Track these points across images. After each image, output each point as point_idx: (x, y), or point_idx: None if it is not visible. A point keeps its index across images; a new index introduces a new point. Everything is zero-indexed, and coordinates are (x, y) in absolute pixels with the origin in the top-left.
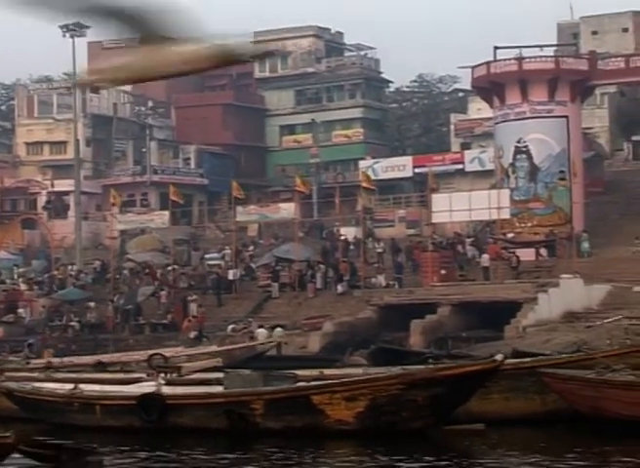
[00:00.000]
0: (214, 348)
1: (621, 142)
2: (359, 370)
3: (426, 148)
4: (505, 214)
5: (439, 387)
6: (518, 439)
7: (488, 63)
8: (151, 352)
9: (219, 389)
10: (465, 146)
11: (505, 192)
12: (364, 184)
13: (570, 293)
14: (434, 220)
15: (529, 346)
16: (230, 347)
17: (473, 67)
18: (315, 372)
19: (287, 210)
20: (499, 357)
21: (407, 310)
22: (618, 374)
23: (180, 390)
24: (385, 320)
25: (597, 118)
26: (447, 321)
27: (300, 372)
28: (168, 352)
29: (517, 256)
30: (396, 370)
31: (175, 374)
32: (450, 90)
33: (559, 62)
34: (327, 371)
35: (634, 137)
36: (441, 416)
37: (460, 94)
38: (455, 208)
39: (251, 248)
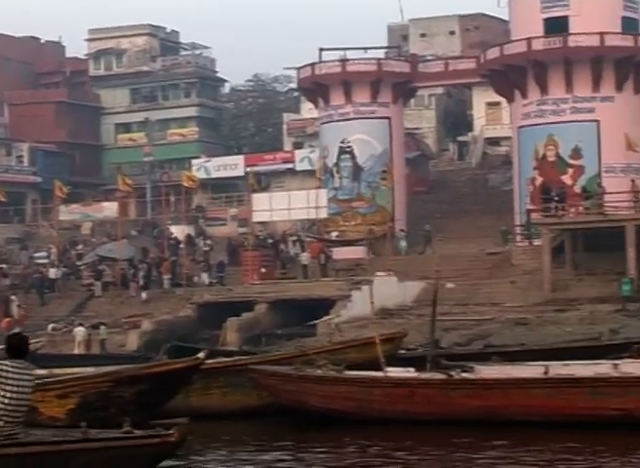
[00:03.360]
0: None
1: (448, 143)
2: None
3: (261, 147)
4: (324, 214)
5: (144, 384)
6: (225, 431)
7: (313, 65)
8: None
9: None
10: (298, 146)
11: (323, 192)
12: (186, 184)
13: (384, 291)
14: (255, 219)
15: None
16: None
17: (299, 68)
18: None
19: (110, 209)
20: (201, 355)
21: (225, 308)
22: (320, 370)
23: None
24: (204, 318)
25: (425, 119)
26: (263, 318)
27: (57, 371)
28: None
29: (326, 254)
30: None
31: None
32: (285, 90)
33: (381, 65)
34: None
35: (459, 138)
36: (148, 411)
37: (295, 93)
38: (275, 207)
39: (80, 246)
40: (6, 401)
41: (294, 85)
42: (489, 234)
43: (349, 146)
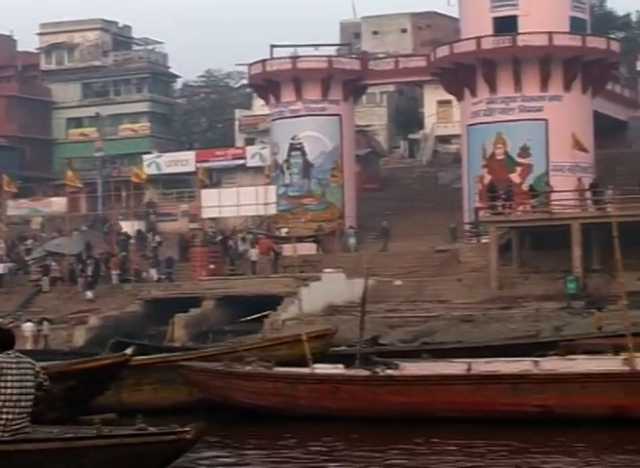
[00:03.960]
0: None
1: (399, 140)
2: None
3: (213, 143)
4: (272, 210)
5: (72, 380)
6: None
7: (264, 61)
8: None
9: None
10: (249, 142)
11: (272, 188)
12: (134, 179)
13: (331, 287)
14: (205, 216)
15: None
16: None
17: (250, 65)
18: None
19: (59, 204)
20: (128, 351)
21: (173, 304)
22: (249, 366)
23: None
24: (152, 314)
25: (376, 116)
26: (211, 314)
27: None
28: None
29: (276, 251)
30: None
31: None
32: (237, 86)
33: (332, 62)
34: None
35: (410, 136)
36: (76, 407)
37: (248, 90)
38: (224, 203)
39: (29, 241)
40: (8, 391)
41: (246, 81)
42: (439, 231)
43: (300, 143)
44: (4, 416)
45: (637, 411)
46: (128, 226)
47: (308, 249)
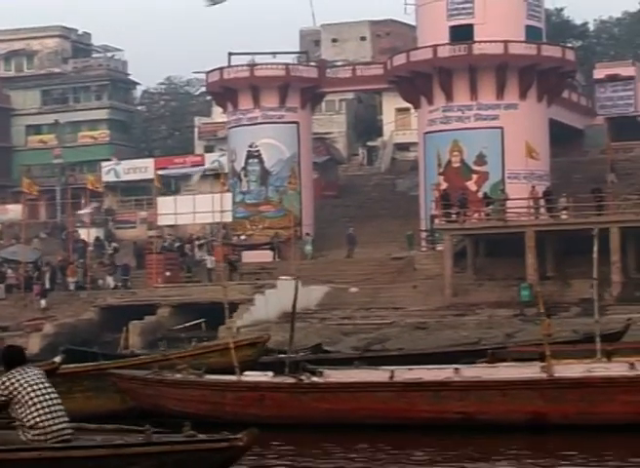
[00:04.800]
0: None
1: (358, 148)
2: None
3: (173, 150)
4: (228, 218)
5: None
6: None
7: (221, 69)
8: None
9: None
10: (209, 149)
11: (228, 196)
12: (90, 187)
13: (287, 294)
14: (161, 223)
15: None
16: None
17: (207, 73)
18: None
19: (15, 211)
20: (56, 359)
21: (129, 311)
22: (179, 374)
23: None
24: (108, 321)
25: (336, 124)
26: (166, 322)
27: None
28: None
29: (229, 259)
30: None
31: None
32: (197, 93)
33: (289, 70)
34: None
35: (369, 143)
36: (4, 415)
37: (208, 97)
38: (180, 211)
39: None
40: (37, 400)
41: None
42: (396, 239)
43: (257, 151)
44: (41, 424)
45: (555, 418)
46: (86, 234)
47: (265, 256)
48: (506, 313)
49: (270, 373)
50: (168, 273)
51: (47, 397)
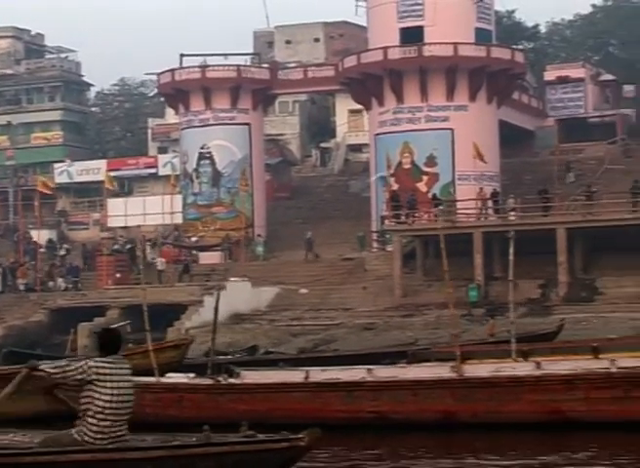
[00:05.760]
0: None
1: (311, 149)
2: None
3: (127, 152)
4: (178, 219)
5: None
6: None
7: (173, 71)
8: None
9: None
10: (162, 151)
11: (178, 197)
12: (40, 189)
13: (237, 296)
14: (111, 224)
15: None
16: None
17: (159, 74)
18: None
19: None
20: None
21: (78, 313)
22: None
23: None
24: (57, 323)
25: (289, 125)
26: (115, 323)
27: None
28: None
29: (180, 260)
30: None
31: None
32: (152, 94)
33: (241, 71)
34: None
35: (322, 144)
36: None
37: (162, 98)
38: (131, 212)
39: None
40: (107, 398)
41: None
42: (348, 240)
43: (209, 152)
44: (102, 424)
45: (465, 416)
46: (39, 235)
47: (216, 257)
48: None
49: (192, 375)
50: (118, 275)
51: (119, 397)
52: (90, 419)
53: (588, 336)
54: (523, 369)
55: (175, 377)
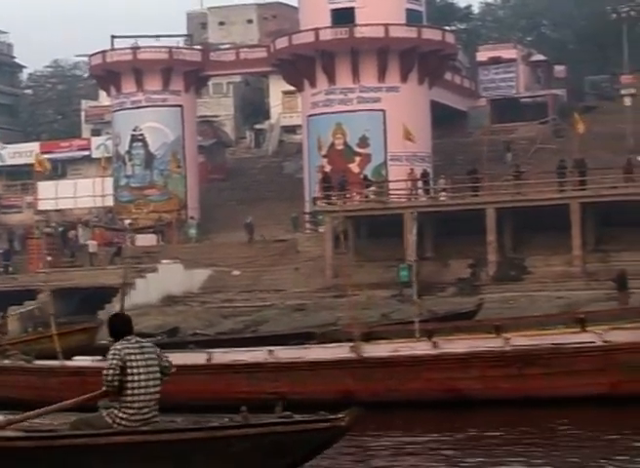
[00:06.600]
0: None
1: (245, 130)
2: None
3: (60, 134)
4: (109, 202)
5: None
6: None
7: (104, 52)
8: None
9: None
10: (96, 133)
11: (109, 180)
12: None
13: (169, 278)
14: (41, 207)
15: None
16: None
17: (90, 56)
18: None
19: None
20: None
21: (9, 297)
22: (7, 360)
23: None
24: None
25: (223, 106)
26: (46, 307)
27: None
28: None
29: (113, 242)
30: None
31: None
32: (85, 76)
33: (172, 53)
34: None
35: (257, 126)
36: None
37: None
38: (62, 195)
39: None
40: (135, 378)
41: None
42: (282, 221)
43: (141, 134)
44: (135, 405)
45: (364, 396)
46: None
47: (149, 240)
48: (385, 294)
49: (98, 358)
50: (49, 258)
51: (147, 377)
52: (124, 400)
53: (514, 315)
54: (421, 348)
55: (79, 360)
